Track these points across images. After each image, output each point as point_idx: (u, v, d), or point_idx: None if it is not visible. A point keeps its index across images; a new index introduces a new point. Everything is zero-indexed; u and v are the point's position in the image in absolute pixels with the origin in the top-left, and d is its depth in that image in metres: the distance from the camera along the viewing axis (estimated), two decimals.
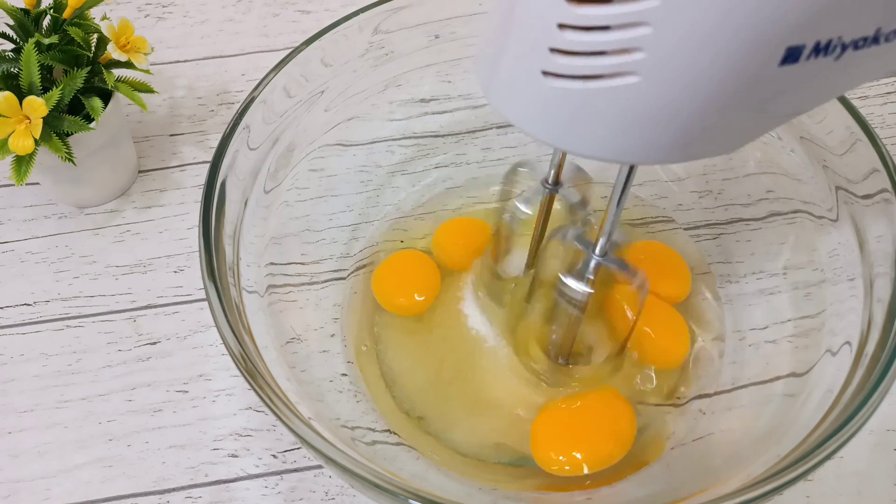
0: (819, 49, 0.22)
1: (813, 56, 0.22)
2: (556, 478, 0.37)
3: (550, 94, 0.24)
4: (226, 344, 0.31)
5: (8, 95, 0.40)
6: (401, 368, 0.41)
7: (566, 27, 0.22)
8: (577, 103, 0.24)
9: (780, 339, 0.40)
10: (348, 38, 0.41)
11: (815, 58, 0.22)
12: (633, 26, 0.21)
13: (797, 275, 0.40)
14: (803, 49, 0.22)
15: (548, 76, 0.23)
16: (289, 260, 0.41)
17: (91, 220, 0.50)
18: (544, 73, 0.23)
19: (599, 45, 0.22)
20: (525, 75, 0.24)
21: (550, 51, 0.22)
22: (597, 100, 0.23)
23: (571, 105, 0.24)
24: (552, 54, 0.22)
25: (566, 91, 0.23)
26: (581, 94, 0.23)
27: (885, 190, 0.35)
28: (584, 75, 0.23)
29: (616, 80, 0.22)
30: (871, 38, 0.22)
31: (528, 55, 0.23)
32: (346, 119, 0.44)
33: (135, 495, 0.40)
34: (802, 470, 0.28)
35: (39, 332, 0.45)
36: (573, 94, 0.23)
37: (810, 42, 0.22)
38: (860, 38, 0.22)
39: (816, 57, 0.22)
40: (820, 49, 0.22)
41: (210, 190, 0.35)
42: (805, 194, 0.40)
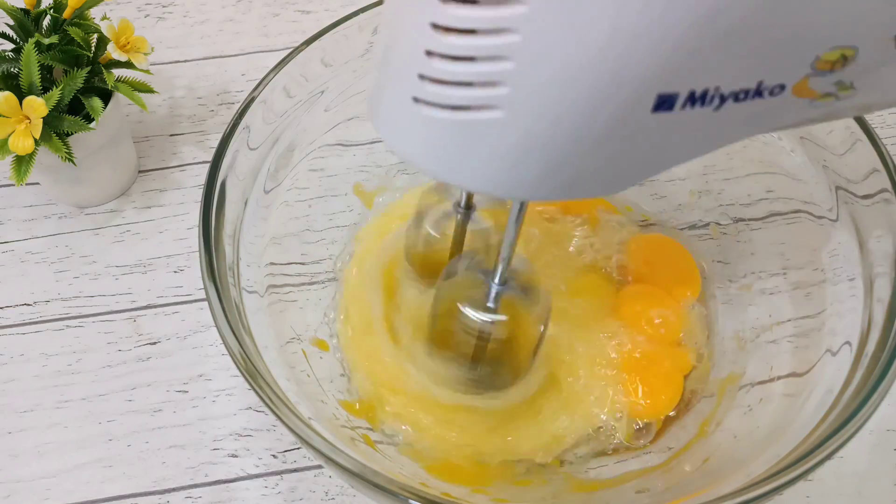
0: (695, 99, 0.22)
1: (689, 105, 0.22)
2: (557, 478, 0.37)
3: (423, 123, 0.23)
4: (226, 344, 0.31)
5: (8, 95, 0.40)
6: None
7: (434, 55, 0.22)
8: (448, 134, 0.23)
9: (780, 339, 0.39)
10: (348, 38, 0.41)
11: (692, 107, 0.22)
12: (497, 59, 0.21)
13: (797, 275, 0.40)
14: (677, 97, 0.21)
15: (419, 103, 0.23)
16: (289, 260, 0.41)
17: (91, 220, 0.50)
18: (415, 99, 0.23)
19: (465, 76, 0.22)
20: (399, 102, 0.24)
21: (420, 77, 0.22)
22: (465, 131, 0.23)
23: (442, 135, 0.24)
24: (422, 81, 0.22)
25: (436, 120, 0.23)
26: (450, 124, 0.23)
27: (885, 190, 0.35)
28: (452, 105, 0.22)
29: (482, 112, 0.22)
30: (753, 91, 0.22)
31: (402, 81, 0.23)
32: (346, 119, 0.44)
33: (135, 495, 0.40)
34: (802, 470, 0.28)
35: (39, 332, 0.45)
36: (443, 123, 0.23)
37: (684, 90, 0.21)
38: (740, 91, 0.22)
39: (693, 106, 0.22)
40: (696, 99, 0.22)
41: (210, 190, 0.35)
42: (805, 194, 0.40)
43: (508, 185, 0.24)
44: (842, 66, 0.22)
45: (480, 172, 0.24)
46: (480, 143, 0.23)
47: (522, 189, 0.25)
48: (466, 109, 0.22)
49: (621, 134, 0.22)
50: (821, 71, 0.22)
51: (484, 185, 0.25)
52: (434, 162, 0.25)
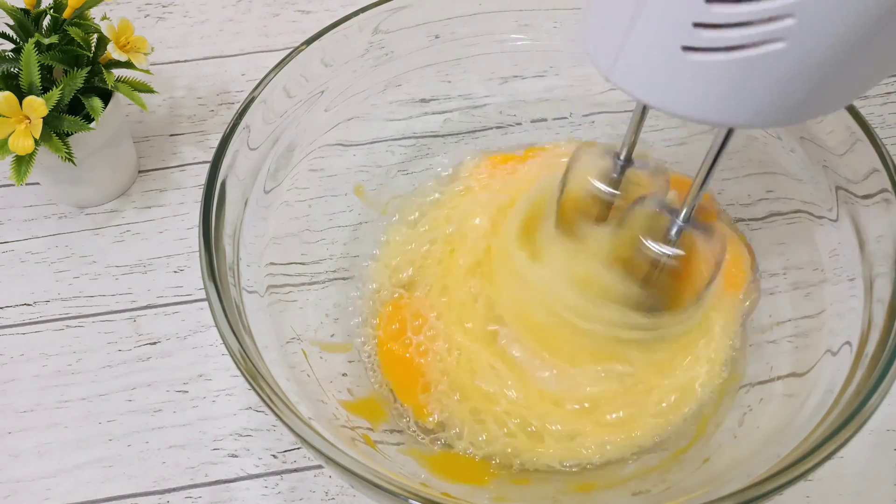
0: None
1: None
2: (557, 478, 0.37)
3: (689, 69, 0.24)
4: (226, 344, 0.31)
5: (8, 95, 0.40)
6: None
7: (714, 1, 0.22)
8: (717, 74, 0.24)
9: (780, 339, 0.39)
10: (348, 38, 0.41)
11: None
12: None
13: (797, 275, 0.40)
14: None
15: (688, 51, 0.23)
16: (289, 260, 0.41)
17: (91, 220, 0.50)
18: (685, 48, 0.23)
19: (748, 16, 0.22)
20: (663, 51, 0.24)
21: (694, 25, 0.23)
22: (739, 69, 0.23)
23: (710, 76, 0.24)
24: (696, 29, 0.23)
25: (707, 64, 0.24)
26: (722, 65, 0.23)
27: (885, 190, 0.35)
28: (728, 46, 0.23)
29: (762, 48, 0.23)
30: None
31: (667, 32, 0.24)
32: (346, 119, 0.44)
33: (135, 495, 0.40)
34: (802, 470, 0.28)
35: (39, 332, 0.45)
36: (714, 66, 0.24)
37: None
38: None
39: None
40: None
41: (210, 190, 0.35)
42: (805, 194, 0.40)
43: (773, 114, 0.25)
44: None
45: (747, 106, 0.25)
46: (756, 78, 0.24)
47: (783, 115, 0.25)
48: (742, 48, 0.23)
49: (883, 42, 0.23)
50: None
51: (749, 117, 0.25)
52: (698, 105, 0.25)
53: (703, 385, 0.39)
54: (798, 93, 0.24)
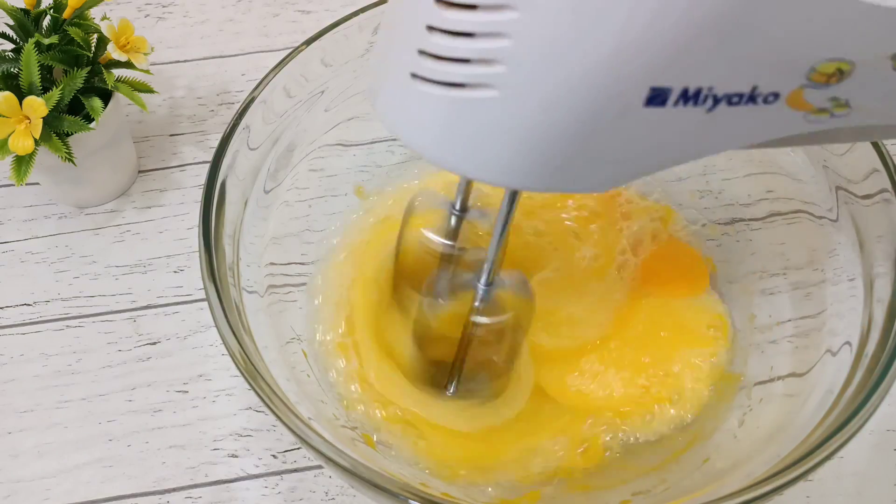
0: (688, 96, 0.22)
1: (682, 103, 0.22)
2: (556, 479, 0.37)
3: (419, 100, 0.24)
4: (226, 344, 0.31)
5: (8, 95, 0.40)
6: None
7: (434, 30, 0.22)
8: (443, 112, 0.23)
9: (780, 339, 0.39)
10: (348, 38, 0.41)
11: (685, 105, 0.22)
12: (495, 36, 0.21)
13: (797, 275, 0.40)
14: (669, 92, 0.21)
15: (416, 79, 0.23)
16: (289, 260, 0.41)
17: (91, 220, 0.50)
18: (413, 75, 0.23)
19: (463, 52, 0.22)
20: (398, 79, 0.24)
21: (419, 53, 0.23)
22: (460, 111, 0.23)
23: (438, 114, 0.24)
24: (421, 57, 0.23)
25: (432, 98, 0.23)
26: (446, 102, 0.23)
27: (885, 190, 0.35)
28: (449, 82, 0.23)
29: (478, 91, 0.22)
30: (746, 96, 0.22)
31: (401, 57, 0.23)
32: (346, 119, 0.44)
33: (135, 495, 0.40)
34: (802, 470, 0.28)
35: (39, 332, 0.45)
36: (439, 101, 0.23)
37: (677, 86, 0.21)
38: (734, 94, 0.22)
39: (685, 104, 0.22)
40: (689, 97, 0.22)
41: (210, 190, 0.35)
42: (805, 194, 0.40)
43: (499, 171, 0.24)
44: (837, 81, 0.22)
45: (473, 156, 0.24)
46: (474, 124, 0.23)
47: (512, 177, 0.25)
48: (462, 87, 0.23)
49: (613, 125, 0.22)
50: (816, 83, 0.22)
51: (475, 169, 0.25)
52: (428, 143, 0.25)
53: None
54: (521, 155, 0.23)
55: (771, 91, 0.22)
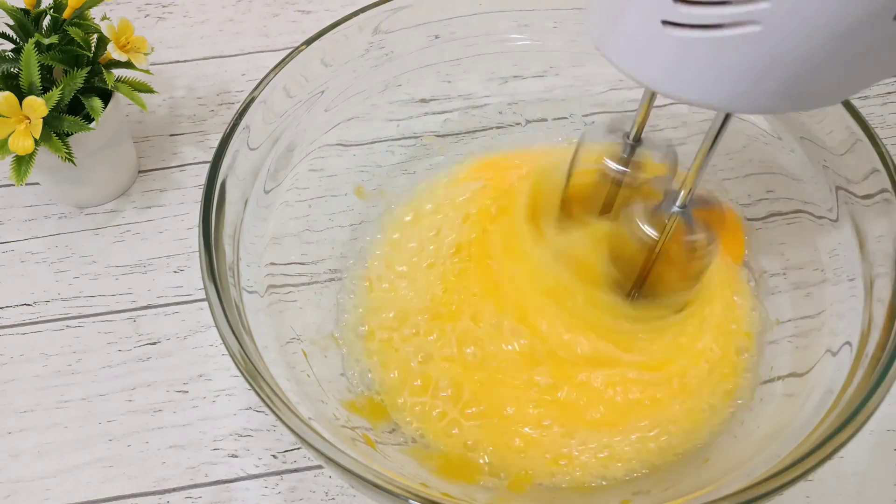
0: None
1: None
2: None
3: (671, 44, 0.24)
4: (226, 344, 0.31)
5: (8, 95, 0.40)
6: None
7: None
8: (697, 52, 0.24)
9: (780, 339, 0.40)
10: (348, 38, 0.41)
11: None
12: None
13: (797, 275, 0.40)
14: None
15: (669, 26, 0.24)
16: (289, 260, 0.41)
17: (91, 220, 0.50)
18: (665, 22, 0.24)
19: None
20: (645, 26, 0.25)
21: (674, 0, 0.23)
22: (716, 49, 0.24)
23: (690, 54, 0.24)
24: (675, 3, 0.23)
25: (686, 40, 0.24)
26: (701, 43, 0.24)
27: (885, 190, 0.35)
28: (706, 24, 0.23)
29: (738, 28, 0.23)
30: None
31: (650, 5, 0.24)
32: (346, 119, 0.44)
33: (135, 495, 0.40)
34: (802, 470, 0.28)
35: (39, 332, 0.45)
36: (693, 43, 0.24)
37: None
38: None
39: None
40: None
41: (210, 190, 0.35)
42: (805, 194, 0.40)
43: (751, 98, 0.25)
44: None
45: (734, 89, 0.25)
46: (736, 59, 0.24)
47: (763, 101, 0.25)
48: (721, 27, 0.23)
49: (865, 42, 0.23)
50: None
51: (737, 103, 0.26)
52: (679, 83, 0.25)
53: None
54: (777, 80, 0.24)
55: None
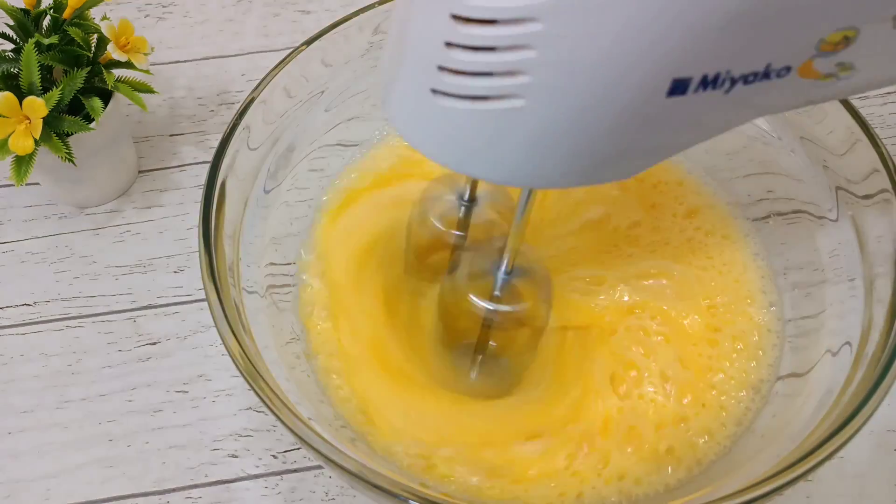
0: (707, 82, 0.22)
1: (701, 89, 0.22)
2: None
3: (440, 114, 0.24)
4: (226, 344, 0.31)
5: (8, 95, 0.40)
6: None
7: (453, 46, 0.22)
8: (466, 125, 0.24)
9: (781, 339, 0.39)
10: (348, 38, 0.41)
11: (704, 91, 0.22)
12: (518, 49, 0.21)
13: (797, 275, 0.40)
14: (690, 82, 0.22)
15: (437, 94, 0.23)
16: (289, 260, 0.41)
17: (91, 220, 0.50)
18: (433, 91, 0.23)
19: (485, 66, 0.22)
20: (416, 93, 0.24)
21: (439, 69, 0.22)
22: (485, 122, 0.23)
23: (460, 126, 0.24)
24: (440, 72, 0.22)
25: (455, 111, 0.23)
26: (469, 114, 0.23)
27: (885, 190, 0.35)
28: (472, 95, 0.23)
29: (502, 102, 0.22)
30: (761, 73, 0.23)
31: (419, 73, 0.23)
32: (346, 119, 0.44)
33: (135, 495, 0.40)
34: (802, 470, 0.28)
35: (39, 332, 0.45)
36: (461, 114, 0.23)
37: (697, 75, 0.22)
38: (750, 73, 0.22)
39: (705, 90, 0.22)
40: (708, 82, 0.22)
41: (210, 190, 0.35)
42: (805, 194, 0.40)
43: (527, 174, 0.25)
44: (844, 47, 0.23)
45: (499, 163, 0.24)
46: (499, 133, 0.23)
47: (540, 177, 0.25)
48: (486, 99, 0.23)
49: (639, 118, 0.23)
50: (824, 52, 0.23)
51: (502, 175, 0.25)
52: (451, 154, 0.25)
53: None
54: (554, 156, 0.24)
55: (784, 66, 0.23)
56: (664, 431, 0.37)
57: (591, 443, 0.36)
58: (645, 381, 0.38)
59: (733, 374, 0.38)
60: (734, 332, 0.39)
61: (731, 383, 0.38)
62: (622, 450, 0.36)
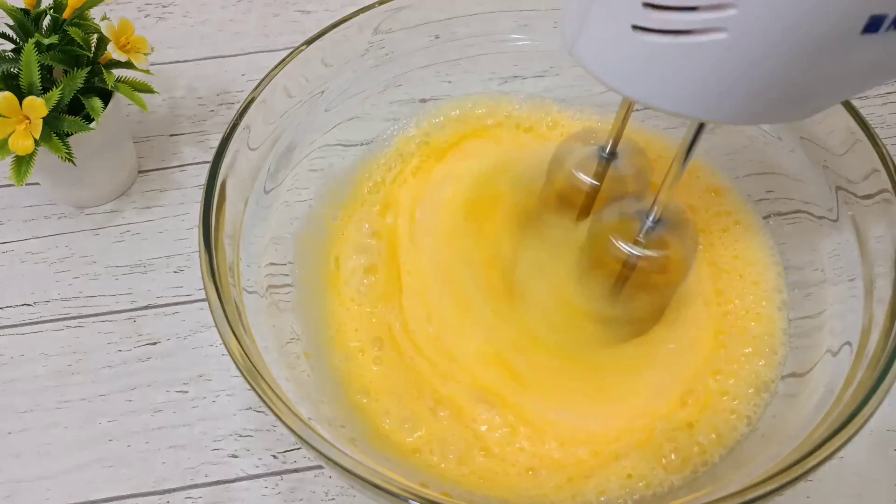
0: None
1: (893, 28, 0.23)
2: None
3: (639, 49, 0.24)
4: (226, 344, 0.31)
5: (8, 95, 0.40)
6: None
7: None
8: (665, 58, 0.24)
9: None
10: (348, 38, 0.41)
11: (895, 29, 0.23)
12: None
13: (797, 275, 0.40)
14: (885, 19, 0.22)
15: (638, 31, 0.24)
16: (289, 260, 0.41)
17: (91, 220, 0.50)
18: (635, 27, 0.24)
19: (693, 0, 0.22)
20: (615, 30, 0.24)
21: (643, 5, 0.23)
22: (684, 55, 0.24)
23: (659, 60, 0.24)
24: (644, 9, 0.23)
25: (655, 46, 0.24)
26: (669, 48, 0.24)
27: (885, 190, 0.35)
28: (675, 30, 0.23)
29: (706, 35, 0.23)
30: None
31: (620, 9, 0.24)
32: (346, 119, 0.44)
33: (135, 495, 0.40)
34: (802, 470, 0.28)
35: (39, 332, 0.45)
36: (662, 48, 0.24)
37: (892, 13, 0.22)
38: None
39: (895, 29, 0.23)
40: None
41: (210, 190, 0.35)
42: (805, 194, 0.40)
43: (717, 107, 0.25)
44: None
45: (700, 97, 0.25)
46: (702, 66, 0.24)
47: (728, 111, 0.25)
48: (689, 34, 0.23)
49: (832, 54, 0.23)
50: None
51: (692, 108, 0.25)
52: (646, 87, 0.25)
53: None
54: (746, 90, 0.24)
55: None
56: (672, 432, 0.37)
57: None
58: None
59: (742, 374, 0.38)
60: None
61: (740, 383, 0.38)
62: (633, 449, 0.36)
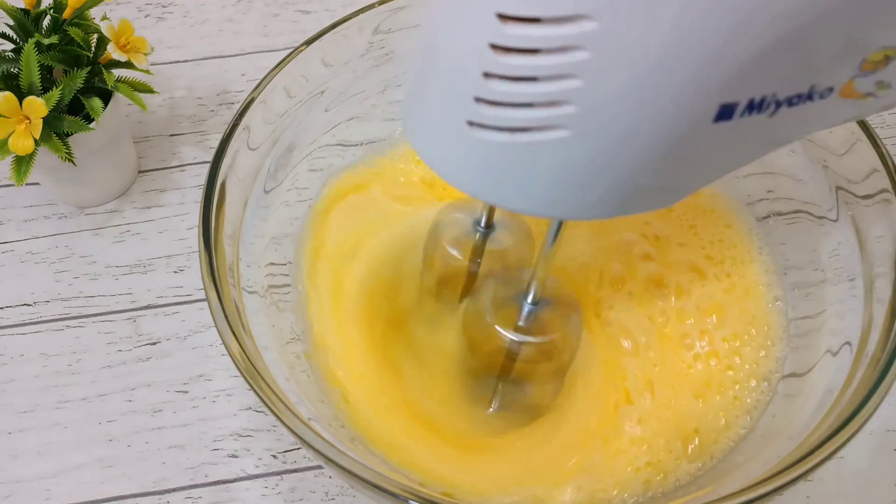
0: (753, 106, 0.22)
1: (747, 113, 0.22)
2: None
3: (475, 146, 0.22)
4: (225, 344, 0.31)
5: (8, 95, 0.40)
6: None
7: (492, 76, 0.21)
8: (504, 156, 0.22)
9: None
10: (348, 38, 0.41)
11: (749, 115, 0.22)
12: (562, 78, 0.20)
13: (797, 275, 0.40)
14: (737, 106, 0.21)
15: (473, 127, 0.22)
16: (289, 260, 0.41)
17: (91, 220, 0.50)
18: (469, 123, 0.22)
19: (527, 97, 0.21)
20: (450, 125, 0.23)
21: (476, 100, 0.21)
22: (524, 153, 0.22)
23: (498, 158, 0.23)
24: (477, 104, 0.21)
25: (493, 144, 0.22)
26: (509, 147, 0.22)
27: (885, 190, 0.35)
28: (511, 127, 0.22)
29: (544, 133, 0.21)
30: (805, 95, 0.22)
31: (453, 104, 0.22)
32: (346, 119, 0.44)
33: (135, 495, 0.40)
34: (802, 470, 0.28)
35: (39, 332, 0.45)
36: (499, 146, 0.22)
37: (744, 99, 0.21)
38: (794, 96, 0.22)
39: (750, 114, 0.22)
40: (754, 106, 0.22)
41: (210, 190, 0.35)
42: (805, 194, 0.40)
43: (566, 206, 0.24)
44: (884, 66, 0.23)
45: (536, 194, 0.23)
46: (539, 165, 0.22)
47: (579, 209, 0.24)
48: (526, 131, 0.21)
49: (684, 145, 0.22)
50: (865, 72, 0.23)
51: (539, 207, 0.24)
52: (485, 186, 0.24)
53: None
54: (602, 187, 0.23)
55: (826, 87, 0.23)
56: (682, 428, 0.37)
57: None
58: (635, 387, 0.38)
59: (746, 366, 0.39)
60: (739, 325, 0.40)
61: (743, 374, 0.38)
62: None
